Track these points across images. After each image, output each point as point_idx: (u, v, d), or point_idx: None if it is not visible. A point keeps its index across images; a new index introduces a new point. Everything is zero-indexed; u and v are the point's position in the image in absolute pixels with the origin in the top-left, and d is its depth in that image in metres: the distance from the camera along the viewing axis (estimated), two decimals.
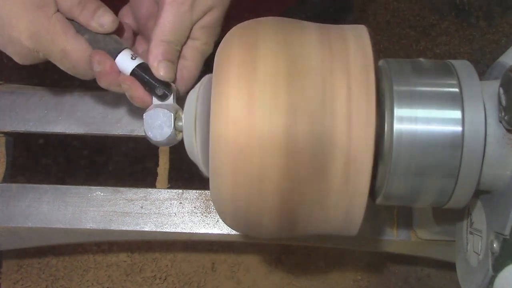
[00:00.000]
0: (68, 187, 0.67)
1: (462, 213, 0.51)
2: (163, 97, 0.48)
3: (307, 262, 1.09)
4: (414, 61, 0.44)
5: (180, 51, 0.50)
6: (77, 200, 0.66)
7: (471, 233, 0.49)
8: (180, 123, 0.47)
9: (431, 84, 0.42)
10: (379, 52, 1.30)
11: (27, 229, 0.66)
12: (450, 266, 0.58)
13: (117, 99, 0.66)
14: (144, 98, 0.48)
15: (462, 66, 0.43)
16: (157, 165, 0.68)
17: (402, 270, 1.10)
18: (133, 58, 0.48)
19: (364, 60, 0.40)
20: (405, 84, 0.42)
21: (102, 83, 0.49)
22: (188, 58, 0.50)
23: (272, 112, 0.38)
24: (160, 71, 0.47)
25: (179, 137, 0.47)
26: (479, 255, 0.46)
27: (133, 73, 0.48)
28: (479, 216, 0.47)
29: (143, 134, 0.48)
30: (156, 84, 0.48)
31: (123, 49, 0.48)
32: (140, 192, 0.66)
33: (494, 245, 0.42)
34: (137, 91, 0.48)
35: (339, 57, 0.40)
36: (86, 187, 0.67)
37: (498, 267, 0.42)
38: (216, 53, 0.43)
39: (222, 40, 0.44)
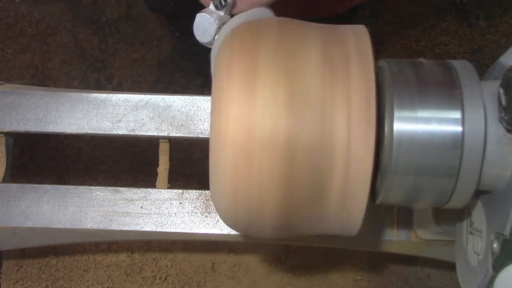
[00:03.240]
0: (68, 187, 0.66)
1: (462, 213, 0.51)
2: (220, 5, 0.50)
3: (307, 262, 1.09)
4: (414, 61, 0.44)
5: None
6: (77, 200, 0.66)
7: (471, 233, 0.49)
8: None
9: (431, 84, 0.42)
10: (379, 52, 1.30)
11: (27, 229, 0.66)
12: (450, 266, 0.58)
13: (117, 99, 0.66)
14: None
15: (462, 66, 0.43)
16: (157, 165, 0.68)
17: (402, 270, 1.10)
18: None
19: (364, 60, 0.40)
20: (405, 84, 0.42)
21: None
22: None
23: (273, 113, 0.38)
24: None
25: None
26: (479, 255, 0.46)
27: None
28: (479, 216, 0.47)
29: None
30: None
31: None
32: (140, 192, 0.66)
33: (494, 245, 0.42)
34: None
35: (339, 57, 0.40)
36: (86, 187, 0.66)
37: (498, 267, 0.42)
38: (216, 60, 0.43)
39: (222, 44, 0.44)
